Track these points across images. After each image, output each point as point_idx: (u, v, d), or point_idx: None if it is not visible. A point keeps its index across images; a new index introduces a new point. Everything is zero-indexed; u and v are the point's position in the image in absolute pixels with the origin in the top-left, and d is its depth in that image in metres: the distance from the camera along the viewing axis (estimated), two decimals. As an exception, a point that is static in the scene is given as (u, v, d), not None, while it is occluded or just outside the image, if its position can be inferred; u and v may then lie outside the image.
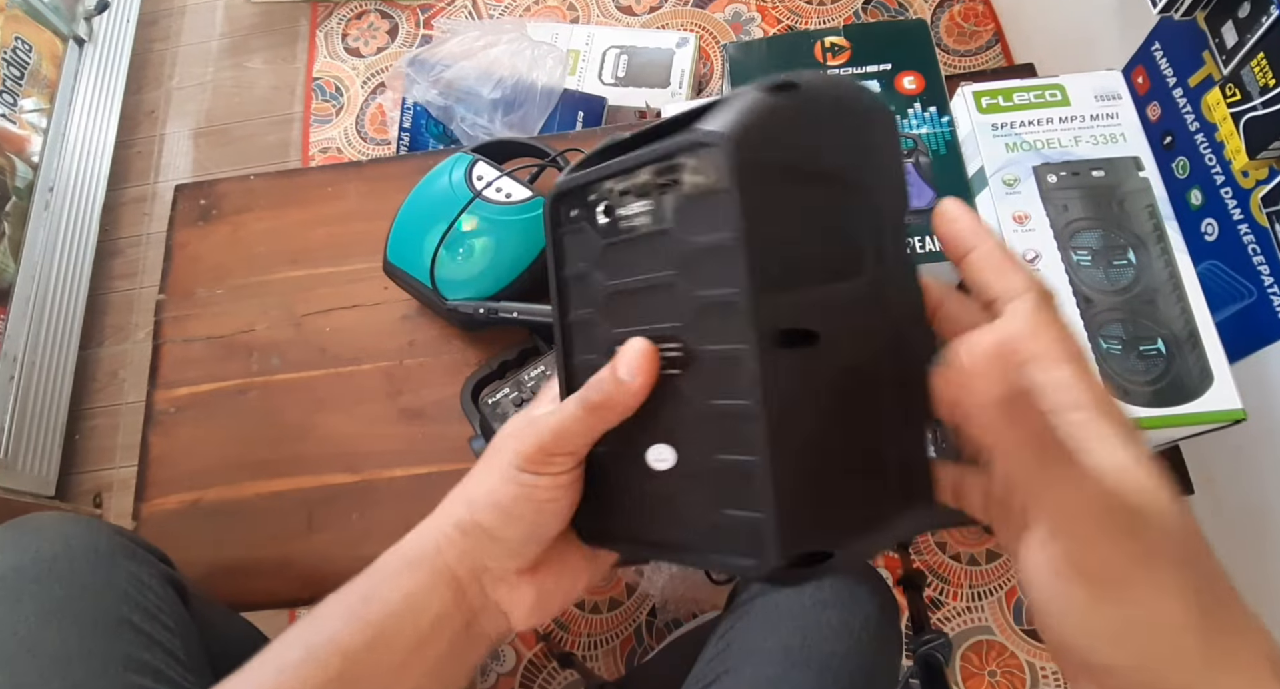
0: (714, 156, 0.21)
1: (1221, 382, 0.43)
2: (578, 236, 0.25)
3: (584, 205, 0.24)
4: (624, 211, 0.23)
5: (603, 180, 0.24)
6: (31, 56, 1.12)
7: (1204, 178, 0.65)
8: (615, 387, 0.24)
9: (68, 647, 0.38)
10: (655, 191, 0.23)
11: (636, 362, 0.23)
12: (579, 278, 0.25)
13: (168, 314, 0.62)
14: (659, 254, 0.23)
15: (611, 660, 0.88)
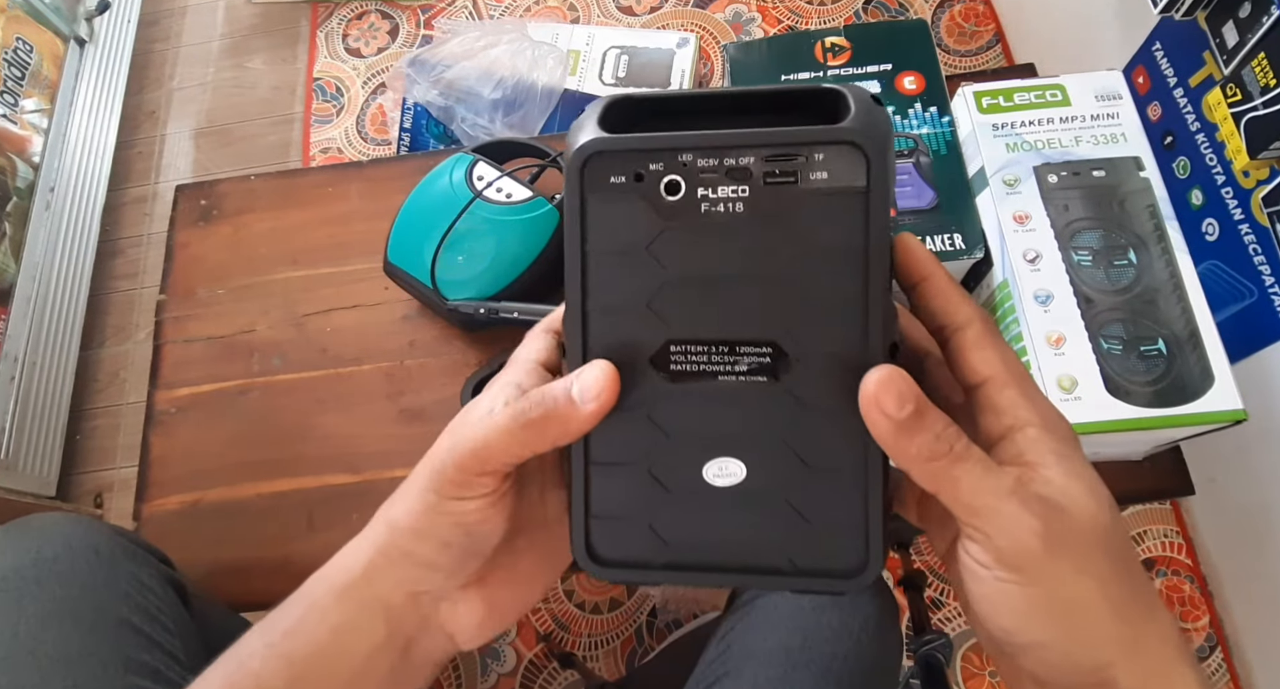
0: (854, 157, 0.20)
1: (1222, 382, 0.42)
2: (621, 207, 0.21)
3: (637, 174, 0.21)
4: (708, 192, 0.21)
5: (673, 150, 0.21)
6: (32, 57, 1.12)
7: (1205, 178, 0.65)
8: (566, 406, 0.21)
9: (68, 647, 0.37)
10: (760, 178, 0.20)
11: (598, 384, 0.21)
12: (617, 256, 0.22)
13: (169, 314, 0.62)
14: (751, 248, 0.21)
15: (612, 661, 0.88)
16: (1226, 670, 0.81)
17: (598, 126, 0.21)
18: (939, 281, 0.23)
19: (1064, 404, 0.43)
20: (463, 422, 0.23)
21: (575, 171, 0.21)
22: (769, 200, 0.20)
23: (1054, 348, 0.44)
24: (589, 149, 0.21)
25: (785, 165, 0.20)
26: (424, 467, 0.24)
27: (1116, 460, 0.52)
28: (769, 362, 0.21)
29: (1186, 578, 0.84)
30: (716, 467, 0.22)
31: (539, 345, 0.26)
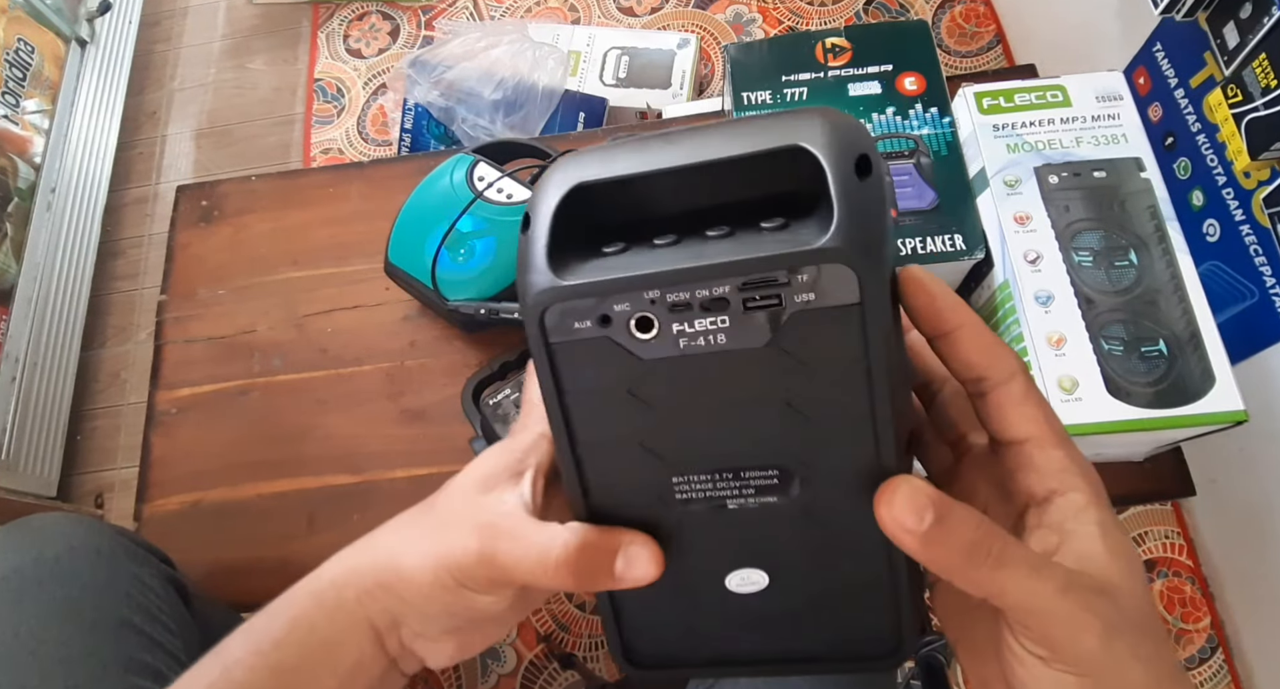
0: (843, 272, 0.18)
1: (1223, 383, 0.42)
2: (591, 353, 0.19)
3: (603, 317, 0.19)
4: (684, 327, 0.19)
5: (638, 289, 0.19)
6: (34, 58, 1.13)
7: (1206, 179, 0.65)
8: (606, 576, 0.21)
9: (69, 647, 0.37)
10: (739, 306, 0.18)
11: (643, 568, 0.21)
12: (598, 398, 0.20)
13: (169, 315, 0.62)
14: (740, 375, 0.19)
15: (612, 661, 0.88)
16: (1227, 671, 0.81)
17: (546, 263, 0.19)
18: (973, 331, 0.21)
19: (1064, 405, 0.43)
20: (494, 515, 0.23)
21: (534, 324, 0.19)
22: (752, 326, 0.19)
23: (1055, 348, 0.44)
24: (542, 301, 0.19)
25: (766, 290, 0.18)
26: (445, 537, 0.23)
27: (1117, 461, 0.51)
28: (777, 483, 0.21)
29: (1187, 579, 0.84)
30: (739, 578, 0.22)
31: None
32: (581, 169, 0.20)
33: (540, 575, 0.21)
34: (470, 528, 0.23)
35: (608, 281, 0.19)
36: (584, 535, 0.21)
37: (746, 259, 0.18)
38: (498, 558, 0.22)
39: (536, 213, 0.20)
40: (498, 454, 0.24)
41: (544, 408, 0.21)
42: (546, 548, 0.21)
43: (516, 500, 0.23)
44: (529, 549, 0.21)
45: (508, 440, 0.25)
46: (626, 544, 0.21)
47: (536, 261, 0.19)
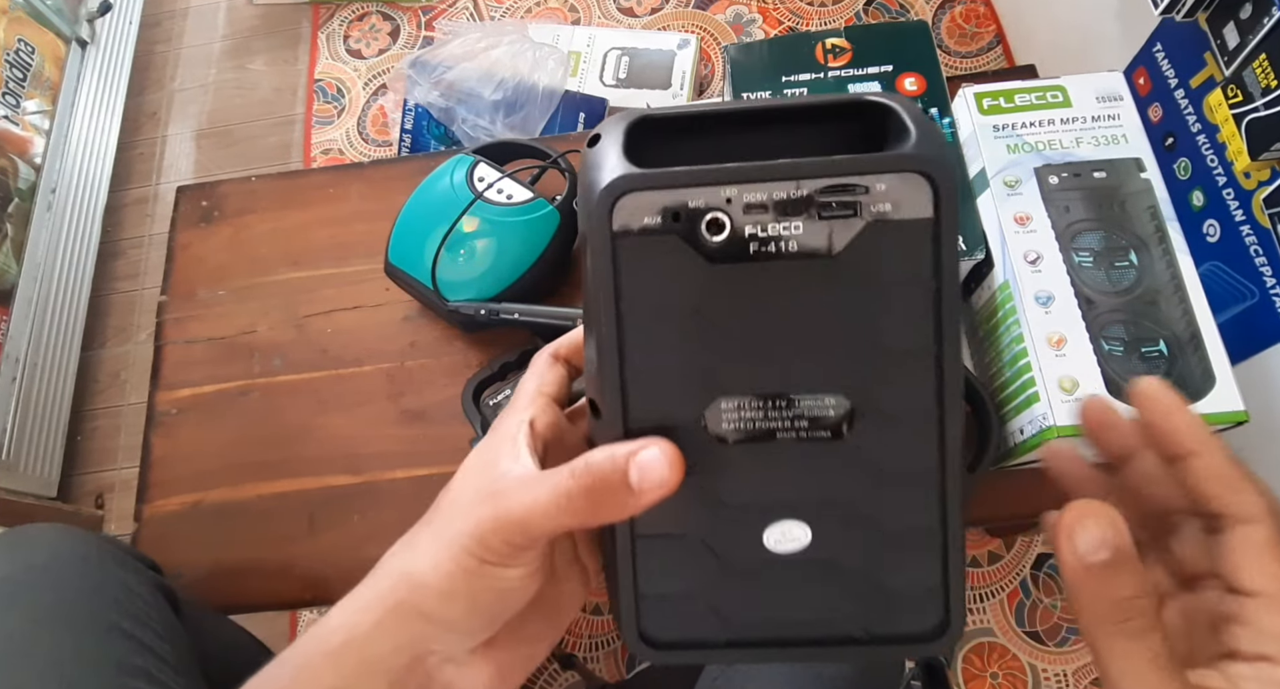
0: (920, 185, 0.18)
1: (1224, 383, 0.42)
2: (656, 253, 0.18)
3: (674, 214, 0.18)
4: (757, 231, 0.18)
5: (716, 184, 0.18)
6: (34, 58, 1.13)
7: (1206, 179, 0.65)
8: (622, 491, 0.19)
9: (61, 650, 0.38)
10: (815, 212, 0.18)
11: (659, 473, 0.19)
12: (655, 308, 0.19)
13: (169, 315, 0.62)
14: (807, 290, 0.18)
15: (613, 662, 0.88)
16: (1228, 672, 0.81)
17: (623, 157, 0.18)
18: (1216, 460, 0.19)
19: (1065, 406, 0.43)
20: (496, 483, 0.21)
21: (602, 213, 0.18)
22: (826, 234, 0.18)
23: (1055, 349, 0.44)
24: (618, 187, 0.18)
25: (844, 197, 0.18)
26: (453, 524, 0.21)
27: (1118, 462, 0.52)
28: (832, 416, 0.19)
29: (1188, 579, 0.85)
30: (778, 532, 0.20)
31: (549, 377, 0.25)
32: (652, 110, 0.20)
33: (556, 514, 0.20)
34: (478, 502, 0.21)
35: (685, 172, 0.18)
36: (591, 456, 0.19)
37: (829, 160, 0.18)
38: (512, 515, 0.20)
39: (607, 130, 0.19)
40: (484, 448, 0.24)
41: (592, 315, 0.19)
42: (555, 483, 0.20)
43: (521, 467, 0.22)
44: (539, 492, 0.20)
45: (493, 434, 0.24)
46: (638, 450, 0.19)
47: (613, 158, 0.18)
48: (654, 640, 0.22)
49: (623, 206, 0.18)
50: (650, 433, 0.20)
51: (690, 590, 0.21)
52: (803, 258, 0.18)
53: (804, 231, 0.18)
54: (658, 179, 0.18)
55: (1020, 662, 0.83)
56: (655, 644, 0.22)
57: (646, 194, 0.18)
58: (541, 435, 0.23)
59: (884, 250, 0.18)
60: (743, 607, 0.21)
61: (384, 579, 0.23)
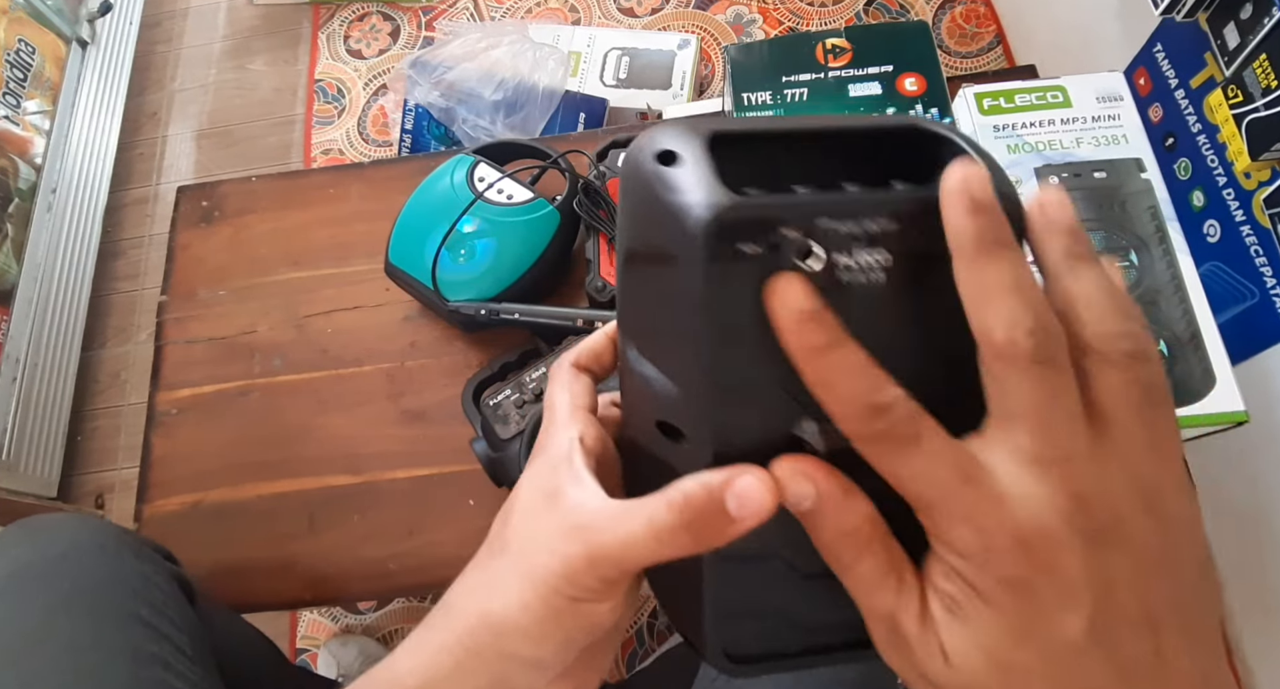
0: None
1: (1224, 383, 0.42)
2: (750, 280, 0.18)
3: (772, 243, 0.18)
4: (849, 261, 0.18)
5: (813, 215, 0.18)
6: (34, 58, 1.13)
7: (1206, 179, 0.65)
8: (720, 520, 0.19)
9: (78, 637, 0.38)
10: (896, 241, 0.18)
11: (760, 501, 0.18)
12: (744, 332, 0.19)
13: (170, 315, 0.62)
14: (893, 316, 0.19)
15: (612, 664, 0.88)
16: (1228, 673, 0.81)
17: (717, 181, 0.18)
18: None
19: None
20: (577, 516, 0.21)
21: (704, 240, 0.17)
22: (911, 266, 0.19)
23: (1055, 349, 0.44)
24: (725, 216, 0.17)
25: (925, 229, 0.18)
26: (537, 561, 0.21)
27: (1118, 462, 0.51)
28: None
29: (1188, 580, 0.84)
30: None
31: (578, 389, 0.25)
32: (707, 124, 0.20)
33: (656, 548, 0.19)
34: (562, 539, 0.21)
35: (787, 202, 0.18)
36: (685, 487, 0.19)
37: (924, 195, 0.18)
38: (607, 551, 0.20)
39: (682, 147, 0.19)
40: (542, 471, 0.23)
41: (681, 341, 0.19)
42: (651, 516, 0.19)
43: (596, 497, 0.21)
44: (634, 526, 0.20)
45: (541, 457, 0.23)
46: (734, 479, 0.19)
47: (706, 181, 0.18)
48: (736, 657, 0.22)
49: (725, 234, 0.18)
50: (737, 457, 0.20)
51: (770, 606, 0.22)
52: (887, 285, 0.19)
53: (892, 262, 0.19)
54: (764, 208, 0.18)
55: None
56: (738, 660, 0.22)
57: (750, 223, 0.18)
58: (593, 451, 0.23)
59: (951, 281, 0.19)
60: (818, 616, 0.22)
61: (460, 620, 0.22)
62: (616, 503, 0.21)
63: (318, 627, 0.93)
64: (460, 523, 0.53)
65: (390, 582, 0.52)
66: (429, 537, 0.53)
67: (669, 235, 0.18)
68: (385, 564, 0.52)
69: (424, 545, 0.52)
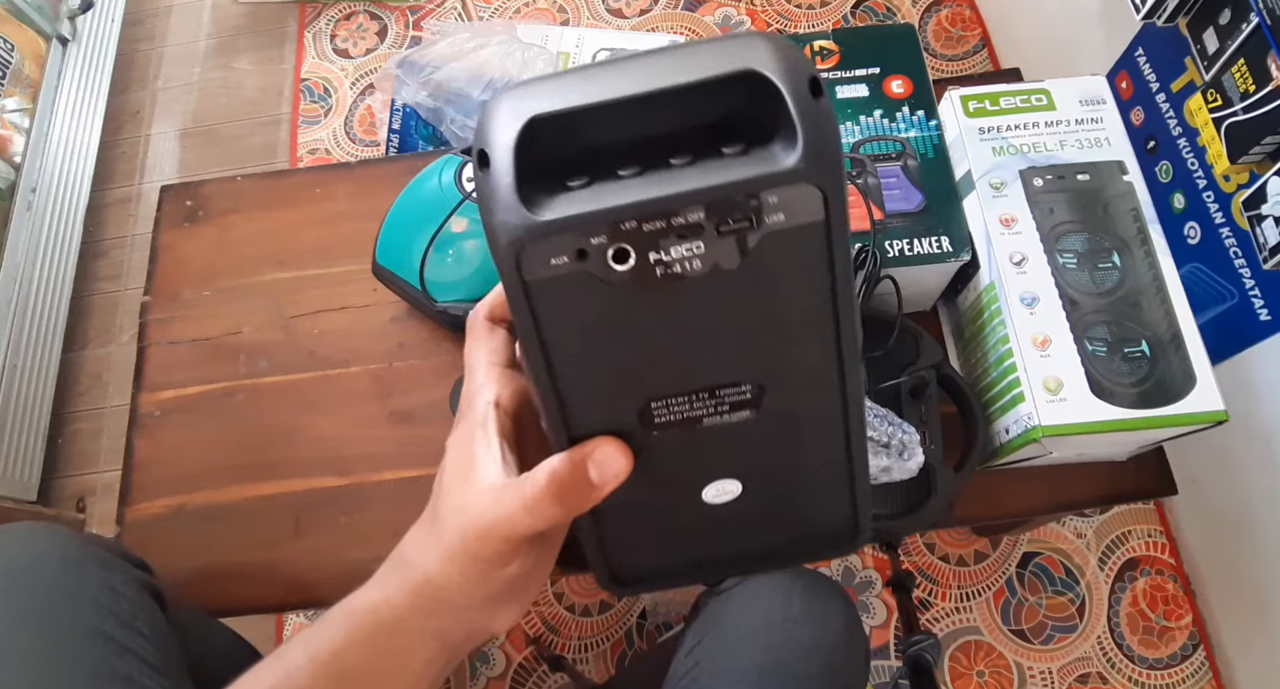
0: (810, 192, 0.18)
1: (1204, 383, 0.43)
2: (569, 287, 0.19)
3: (579, 252, 0.19)
4: (661, 255, 0.19)
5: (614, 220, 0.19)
6: (14, 56, 1.11)
7: (1186, 182, 0.66)
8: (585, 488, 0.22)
9: (36, 655, 0.37)
10: (713, 230, 0.19)
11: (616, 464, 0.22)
12: (576, 332, 0.21)
13: (153, 316, 0.61)
14: (714, 298, 0.20)
15: (602, 663, 0.88)
16: (1209, 668, 0.82)
17: (518, 200, 0.18)
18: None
19: (1050, 405, 0.43)
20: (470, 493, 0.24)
21: (510, 264, 0.19)
22: (725, 250, 0.19)
23: (1040, 349, 0.45)
24: (519, 240, 0.18)
25: (737, 214, 0.19)
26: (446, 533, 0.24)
27: (1101, 461, 0.52)
28: (749, 397, 0.22)
29: (1170, 577, 0.85)
30: (714, 489, 0.24)
31: (494, 345, 0.27)
32: (532, 100, 0.19)
33: (533, 520, 0.22)
34: (461, 516, 0.24)
35: (584, 215, 0.18)
36: (549, 465, 0.22)
37: (719, 184, 0.18)
38: (496, 529, 0.23)
39: (494, 147, 0.19)
40: (462, 439, 0.26)
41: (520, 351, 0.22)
42: (523, 495, 0.22)
43: (494, 471, 0.24)
44: (511, 504, 0.23)
45: (462, 422, 0.26)
46: (592, 452, 0.22)
47: (506, 199, 0.18)
48: (624, 580, 0.26)
49: (528, 256, 0.19)
50: (594, 435, 0.23)
51: (646, 541, 0.26)
52: (704, 271, 0.19)
53: (705, 250, 0.19)
54: (557, 224, 0.18)
55: (1007, 660, 0.83)
56: (624, 583, 0.26)
57: (549, 240, 0.19)
58: (509, 410, 0.25)
59: (783, 255, 0.19)
60: (690, 544, 0.26)
61: (412, 573, 0.25)
62: (500, 483, 0.24)
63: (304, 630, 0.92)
64: (448, 525, 0.53)
65: (378, 584, 0.51)
66: (417, 539, 0.52)
67: (491, 248, 0.20)
68: (372, 566, 0.51)
69: (412, 547, 0.52)
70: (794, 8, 1.23)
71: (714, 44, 0.19)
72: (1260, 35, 0.55)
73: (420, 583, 0.25)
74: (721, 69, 0.19)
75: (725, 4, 1.24)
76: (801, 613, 0.43)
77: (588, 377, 0.22)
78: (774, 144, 0.19)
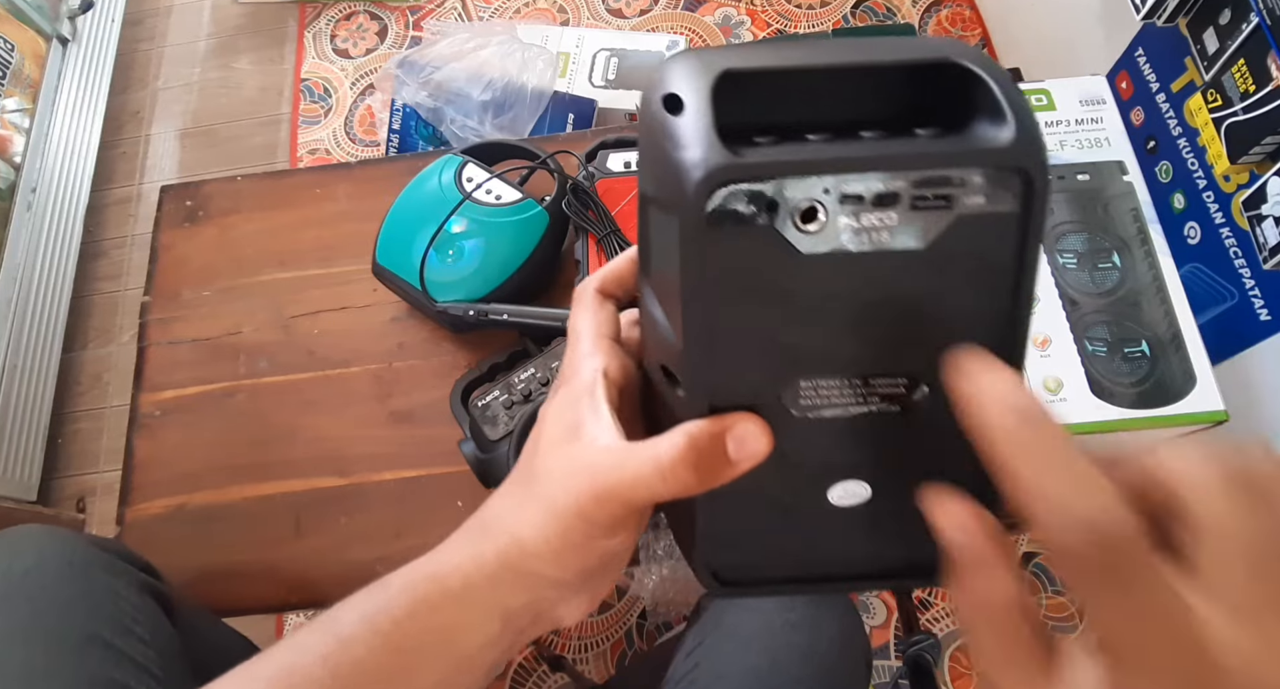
0: (1015, 179, 0.17)
1: (1204, 383, 0.43)
2: (747, 239, 0.18)
3: (770, 202, 0.18)
4: (851, 221, 0.18)
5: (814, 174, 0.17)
6: (14, 56, 1.11)
7: (1186, 182, 0.66)
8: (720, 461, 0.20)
9: (31, 665, 0.37)
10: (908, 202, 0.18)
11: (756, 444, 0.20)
12: (741, 291, 0.19)
13: (153, 316, 0.61)
14: (893, 277, 0.18)
15: (602, 663, 0.87)
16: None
17: (715, 136, 0.17)
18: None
19: (1050, 406, 0.43)
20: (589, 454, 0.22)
21: (697, 200, 0.17)
22: (916, 226, 0.18)
23: (1040, 350, 0.45)
24: (716, 176, 0.17)
25: (939, 189, 0.18)
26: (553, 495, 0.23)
27: (1101, 461, 0.52)
28: (904, 392, 0.20)
29: (1170, 577, 0.86)
30: (842, 490, 0.22)
31: (602, 317, 0.25)
32: (720, 58, 0.18)
33: (661, 486, 0.21)
34: (577, 477, 0.22)
35: (787, 161, 0.17)
36: (690, 430, 0.21)
37: (930, 153, 0.17)
38: (618, 491, 0.21)
39: (687, 91, 0.18)
40: (565, 403, 0.24)
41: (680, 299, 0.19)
42: (658, 457, 0.21)
43: (609, 434, 0.22)
44: (642, 466, 0.21)
45: (565, 388, 0.24)
46: (733, 425, 0.20)
47: (704, 137, 0.17)
48: (723, 579, 0.24)
49: (718, 194, 0.17)
50: (732, 409, 0.21)
51: (757, 537, 0.23)
52: (889, 246, 0.18)
53: (897, 223, 0.18)
54: (759, 167, 0.17)
55: (1006, 660, 0.83)
56: (724, 582, 0.24)
57: (743, 183, 0.17)
58: (616, 383, 0.24)
59: (971, 243, 0.18)
60: (802, 549, 0.23)
61: (496, 539, 0.24)
62: (625, 444, 0.22)
63: (304, 630, 0.92)
64: (448, 525, 0.52)
65: (378, 584, 0.52)
66: (417, 539, 0.52)
67: (668, 188, 0.18)
68: (373, 566, 0.52)
69: (412, 547, 0.52)
70: (794, 8, 1.23)
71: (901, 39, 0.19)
72: (1260, 35, 0.55)
73: (506, 547, 0.23)
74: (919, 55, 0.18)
75: (725, 4, 1.24)
76: (801, 617, 0.43)
77: (742, 343, 0.20)
78: (973, 130, 0.18)
